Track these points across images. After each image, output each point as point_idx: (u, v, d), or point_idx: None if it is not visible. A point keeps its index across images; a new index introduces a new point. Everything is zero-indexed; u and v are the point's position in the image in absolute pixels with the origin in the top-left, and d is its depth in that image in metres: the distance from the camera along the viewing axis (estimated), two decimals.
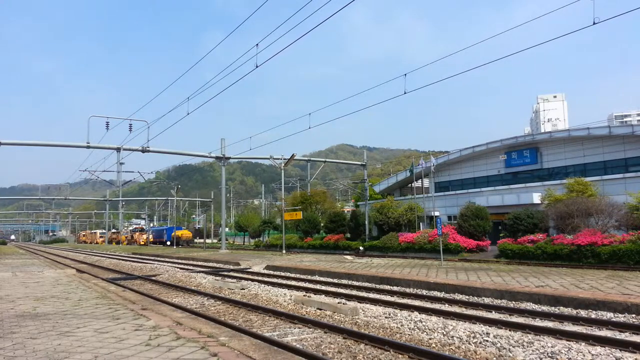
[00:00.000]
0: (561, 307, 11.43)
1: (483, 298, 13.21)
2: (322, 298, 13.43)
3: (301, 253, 37.33)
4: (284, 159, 39.16)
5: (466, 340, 8.21)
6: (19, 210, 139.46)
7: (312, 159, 54.38)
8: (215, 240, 68.30)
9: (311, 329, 9.27)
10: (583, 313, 10.79)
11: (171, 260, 35.36)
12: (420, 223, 36.65)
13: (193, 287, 16.77)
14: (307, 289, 15.82)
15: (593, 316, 10.39)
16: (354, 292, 15.00)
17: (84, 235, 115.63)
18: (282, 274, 22.56)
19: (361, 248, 35.73)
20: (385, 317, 10.48)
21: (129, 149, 37.63)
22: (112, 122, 33.29)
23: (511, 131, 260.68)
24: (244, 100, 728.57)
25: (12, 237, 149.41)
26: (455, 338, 8.39)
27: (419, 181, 44.75)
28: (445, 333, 8.76)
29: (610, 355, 7.15)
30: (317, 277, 20.06)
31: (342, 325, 9.39)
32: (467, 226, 30.00)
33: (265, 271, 24.31)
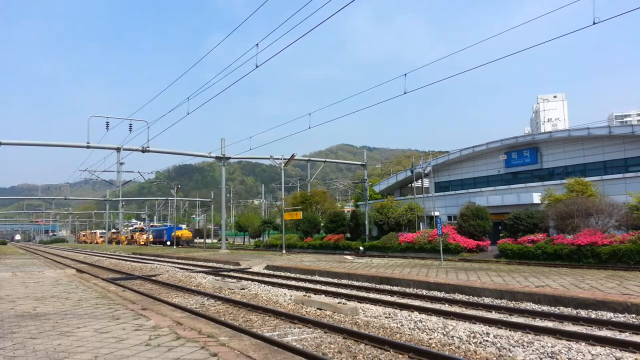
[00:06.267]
0: (561, 307, 11.43)
1: (483, 298, 13.22)
2: (322, 298, 13.43)
3: (301, 253, 37.33)
4: (284, 159, 39.16)
5: (466, 340, 8.21)
6: (19, 210, 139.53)
7: (312, 159, 54.35)
8: (215, 240, 68.28)
9: (311, 329, 9.27)
10: (583, 313, 10.79)
11: (171, 260, 35.36)
12: (420, 223, 36.65)
13: (193, 287, 16.77)
14: (307, 289, 15.83)
15: (593, 316, 10.39)
16: (354, 292, 15.01)
17: (84, 235, 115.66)
18: (282, 274, 22.56)
19: (361, 248, 35.72)
20: (385, 317, 10.48)
21: (129, 149, 37.59)
22: (112, 122, 33.28)
23: (511, 131, 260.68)
24: (244, 100, 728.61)
25: (17, 237, 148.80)
26: (455, 338, 8.39)
27: (419, 181, 44.74)
28: (445, 333, 8.76)
29: (610, 355, 7.15)
30: (317, 277, 20.07)
31: (342, 325, 9.39)
32: (467, 226, 29.99)
33: (265, 271, 24.31)
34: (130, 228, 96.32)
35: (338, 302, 12.13)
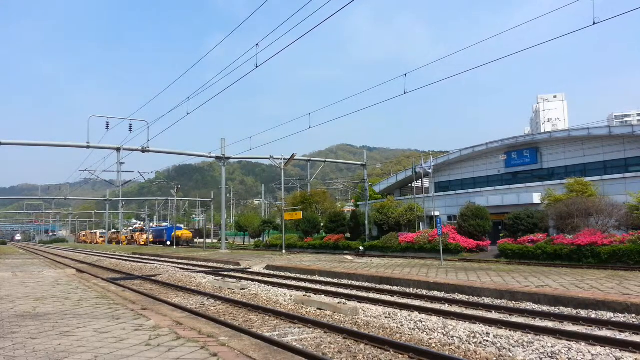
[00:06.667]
0: (561, 307, 11.43)
1: (483, 298, 13.22)
2: (322, 298, 13.43)
3: (301, 253, 37.33)
4: (284, 159, 39.16)
5: (466, 340, 8.21)
6: (19, 210, 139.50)
7: (312, 159, 54.36)
8: (215, 240, 68.30)
9: (311, 329, 9.28)
10: (583, 313, 10.79)
11: (171, 260, 35.37)
12: (420, 223, 36.64)
13: (193, 287, 16.77)
14: (307, 289, 15.83)
15: (593, 316, 10.39)
16: (354, 292, 15.01)
17: (84, 235, 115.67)
18: (282, 274, 22.56)
19: (361, 248, 35.72)
20: (385, 317, 10.48)
21: (129, 149, 37.60)
22: (112, 122, 33.29)
23: (511, 131, 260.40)
24: (245, 101, 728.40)
25: (18, 237, 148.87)
26: (455, 338, 8.40)
27: (419, 181, 44.73)
28: (445, 333, 8.76)
29: (610, 355, 7.15)
30: (317, 277, 20.07)
31: (342, 325, 9.39)
32: (467, 226, 29.99)
33: (265, 271, 24.32)
34: (130, 228, 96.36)
35: (338, 302, 12.13)
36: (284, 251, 36.44)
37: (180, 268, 26.22)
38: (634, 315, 10.24)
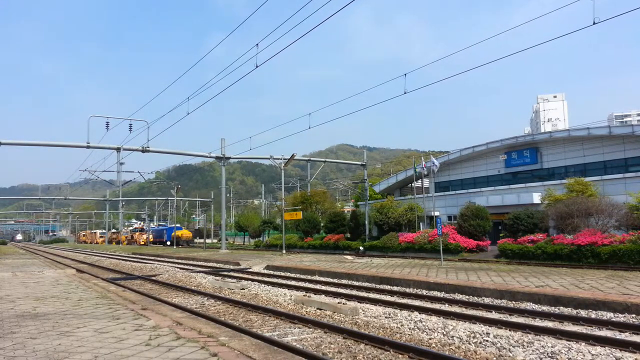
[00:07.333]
0: (561, 307, 11.43)
1: (483, 298, 13.22)
2: (322, 298, 13.43)
3: (301, 253, 37.32)
4: (284, 159, 39.15)
5: (466, 340, 8.21)
6: (19, 210, 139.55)
7: (312, 159, 54.36)
8: (215, 240, 68.29)
9: (311, 329, 9.28)
10: (583, 313, 10.79)
11: (171, 260, 35.37)
12: (420, 223, 36.64)
13: (193, 287, 16.77)
14: (307, 289, 15.83)
15: (593, 316, 10.39)
16: (354, 292, 15.01)
17: (84, 235, 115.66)
18: (282, 274, 22.56)
19: (361, 248, 35.72)
20: (385, 317, 10.48)
21: (129, 149, 37.60)
22: (112, 122, 33.32)
23: (511, 131, 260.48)
24: (245, 101, 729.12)
25: (19, 237, 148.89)
26: (455, 338, 8.40)
27: (419, 181, 44.75)
28: (445, 333, 8.76)
29: (610, 355, 7.15)
30: (317, 277, 20.07)
31: (342, 325, 9.39)
32: (467, 226, 29.98)
33: (265, 271, 24.31)
34: (130, 228, 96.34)
35: (338, 302, 12.13)
36: (284, 251, 36.43)
37: (180, 268, 26.22)
38: (634, 315, 10.24)
